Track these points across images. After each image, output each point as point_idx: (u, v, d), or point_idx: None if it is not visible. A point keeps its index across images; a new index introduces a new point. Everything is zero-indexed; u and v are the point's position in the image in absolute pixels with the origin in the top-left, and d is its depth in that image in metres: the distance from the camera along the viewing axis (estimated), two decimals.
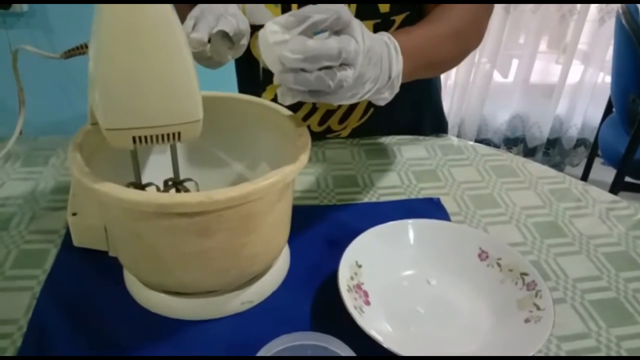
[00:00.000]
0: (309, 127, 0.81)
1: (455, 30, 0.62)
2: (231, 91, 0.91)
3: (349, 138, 0.84)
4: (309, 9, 0.43)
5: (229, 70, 0.81)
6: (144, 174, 0.53)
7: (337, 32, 0.45)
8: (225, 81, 0.92)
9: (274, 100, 0.79)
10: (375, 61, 0.48)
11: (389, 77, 0.51)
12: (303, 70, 0.43)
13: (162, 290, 0.51)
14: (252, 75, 0.83)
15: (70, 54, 0.51)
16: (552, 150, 2.35)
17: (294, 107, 0.78)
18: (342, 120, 0.81)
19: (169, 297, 0.51)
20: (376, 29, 0.70)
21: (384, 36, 0.52)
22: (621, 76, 1.67)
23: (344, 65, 0.44)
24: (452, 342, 0.50)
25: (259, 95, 0.81)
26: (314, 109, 0.80)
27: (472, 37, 0.67)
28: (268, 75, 0.77)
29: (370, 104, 0.80)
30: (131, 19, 0.38)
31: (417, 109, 0.87)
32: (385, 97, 0.53)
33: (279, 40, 0.42)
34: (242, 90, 0.92)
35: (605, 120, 1.84)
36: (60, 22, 1.59)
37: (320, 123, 0.82)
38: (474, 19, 0.66)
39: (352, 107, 0.80)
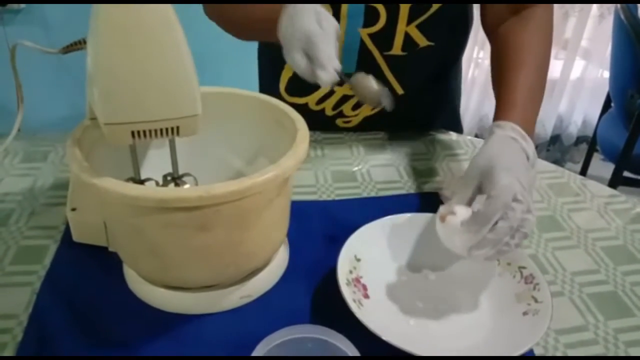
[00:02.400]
0: (323, 109, 0.82)
1: (538, 60, 0.64)
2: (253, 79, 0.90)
3: (355, 131, 0.84)
4: (489, 213, 0.48)
5: (249, 63, 0.80)
6: (143, 169, 0.53)
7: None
8: (244, 73, 0.92)
9: (292, 81, 0.80)
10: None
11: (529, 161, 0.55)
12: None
13: (161, 284, 0.51)
14: (275, 51, 0.83)
15: (68, 49, 0.51)
16: (552, 147, 2.34)
17: (311, 89, 0.78)
18: (355, 107, 0.82)
19: (169, 292, 0.51)
20: (412, 12, 0.70)
21: (516, 145, 0.55)
22: (620, 72, 1.67)
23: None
24: (450, 335, 0.50)
25: (279, 72, 0.81)
26: (331, 92, 0.80)
27: (549, 51, 0.67)
28: None
29: None
30: (130, 15, 0.38)
31: (431, 105, 0.87)
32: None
33: (466, 238, 0.49)
34: (262, 67, 0.91)
35: (604, 115, 1.84)
36: (57, 18, 1.58)
37: (335, 107, 0.82)
38: (545, 33, 0.67)
39: None
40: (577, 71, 2.18)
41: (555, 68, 2.20)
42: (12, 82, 0.58)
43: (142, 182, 0.50)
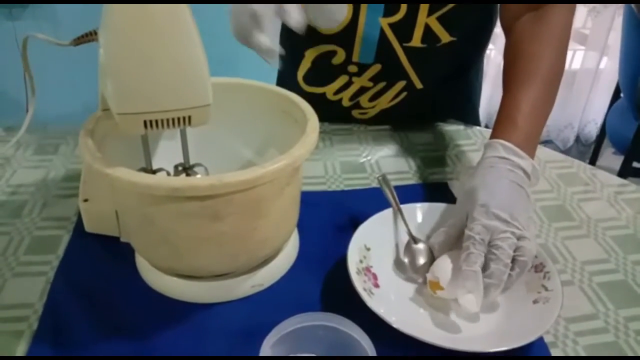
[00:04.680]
0: (340, 99, 0.82)
1: (547, 72, 0.62)
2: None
3: (368, 124, 0.84)
4: (469, 267, 0.48)
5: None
6: (154, 160, 0.54)
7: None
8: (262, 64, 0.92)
9: (310, 71, 0.81)
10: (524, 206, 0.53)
11: (529, 176, 0.55)
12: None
13: (173, 273, 0.52)
14: (294, 41, 0.83)
15: (79, 41, 0.51)
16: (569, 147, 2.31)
17: (329, 79, 0.79)
18: (373, 98, 0.81)
19: (181, 281, 0.51)
20: (432, 7, 0.70)
21: (506, 165, 0.54)
22: (629, 61, 1.65)
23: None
24: (460, 322, 0.50)
25: (298, 62, 0.81)
26: (349, 83, 0.80)
27: (563, 58, 0.65)
28: (310, 37, 0.75)
29: (404, 89, 0.80)
30: (142, 5, 0.39)
31: (450, 101, 0.87)
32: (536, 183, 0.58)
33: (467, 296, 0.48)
34: (281, 57, 0.90)
35: (613, 106, 1.83)
36: (65, 13, 1.59)
37: (352, 98, 0.82)
38: (562, 36, 0.65)
39: (385, 89, 0.80)
40: (593, 64, 2.11)
41: (574, 63, 2.15)
42: (21, 75, 0.58)
43: (153, 172, 0.51)
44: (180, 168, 0.52)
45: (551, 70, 0.62)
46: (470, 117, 0.91)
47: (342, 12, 0.71)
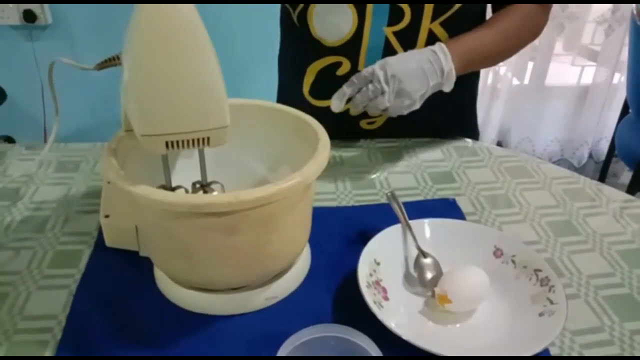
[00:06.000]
0: (347, 110, 0.84)
1: (504, 29, 0.76)
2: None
3: (378, 136, 0.86)
4: (352, 80, 0.68)
5: (265, 71, 0.82)
6: (172, 177, 0.56)
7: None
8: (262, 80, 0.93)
9: (315, 85, 0.84)
10: (414, 75, 0.66)
11: (442, 74, 0.68)
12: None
13: (191, 286, 0.54)
14: (297, 56, 0.86)
15: (103, 65, 0.53)
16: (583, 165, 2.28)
17: (334, 92, 0.83)
18: None
19: (198, 293, 0.53)
20: (436, 9, 0.74)
21: (434, 47, 0.69)
22: (638, 76, 1.66)
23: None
24: (468, 334, 0.52)
25: (302, 77, 0.84)
26: None
27: (524, 33, 0.78)
28: (314, 51, 0.80)
29: None
30: (165, 32, 0.41)
31: (450, 106, 0.88)
32: (446, 89, 0.70)
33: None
34: (282, 72, 0.94)
35: (622, 121, 1.83)
36: (83, 33, 1.64)
37: None
38: (527, 18, 0.76)
39: None
40: (606, 81, 2.10)
41: (572, 76, 2.15)
42: (39, 94, 0.60)
43: (172, 189, 0.53)
44: (197, 185, 0.54)
45: (511, 31, 0.76)
46: (470, 122, 0.94)
47: (348, 24, 0.75)
